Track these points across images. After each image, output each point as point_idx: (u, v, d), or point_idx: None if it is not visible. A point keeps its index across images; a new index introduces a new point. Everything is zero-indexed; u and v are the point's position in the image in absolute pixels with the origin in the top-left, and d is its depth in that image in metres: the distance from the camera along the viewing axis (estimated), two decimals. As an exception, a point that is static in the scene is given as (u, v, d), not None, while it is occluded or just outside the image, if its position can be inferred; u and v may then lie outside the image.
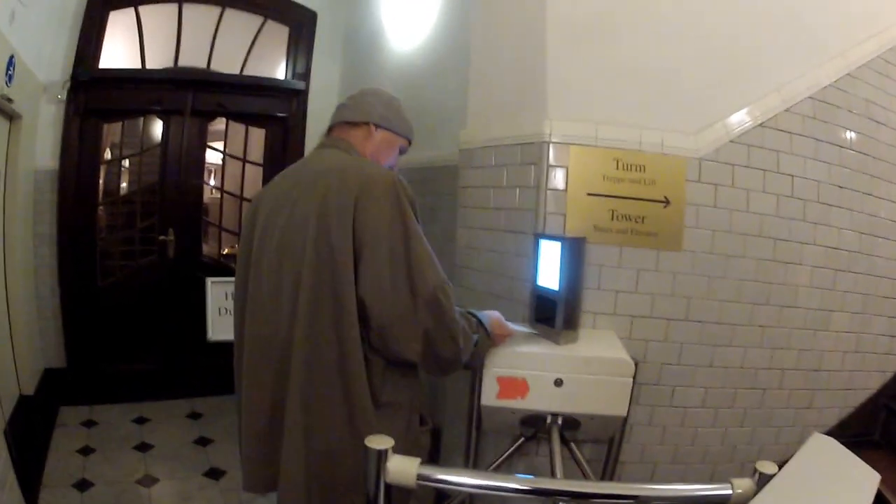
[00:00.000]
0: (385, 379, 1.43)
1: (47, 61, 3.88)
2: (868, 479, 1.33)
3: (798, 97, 2.35)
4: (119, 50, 4.16)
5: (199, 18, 4.29)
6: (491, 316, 1.71)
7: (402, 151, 1.77)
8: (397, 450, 1.06)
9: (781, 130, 2.32)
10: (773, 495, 1.04)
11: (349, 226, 1.34)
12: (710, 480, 2.38)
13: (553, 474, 1.72)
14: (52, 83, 3.94)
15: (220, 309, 2.90)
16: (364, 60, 4.32)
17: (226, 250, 4.78)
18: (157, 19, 4.22)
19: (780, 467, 1.10)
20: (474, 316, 1.62)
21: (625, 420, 2.00)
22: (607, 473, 2.17)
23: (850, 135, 2.51)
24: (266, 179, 4.36)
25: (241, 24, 4.43)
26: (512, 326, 1.81)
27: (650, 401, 2.21)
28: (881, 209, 2.62)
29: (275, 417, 1.44)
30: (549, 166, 2.10)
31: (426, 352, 1.39)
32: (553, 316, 1.92)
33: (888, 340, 2.75)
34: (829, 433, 2.68)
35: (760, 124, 2.27)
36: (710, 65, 2.23)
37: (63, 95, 3.91)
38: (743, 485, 1.14)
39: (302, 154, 4.34)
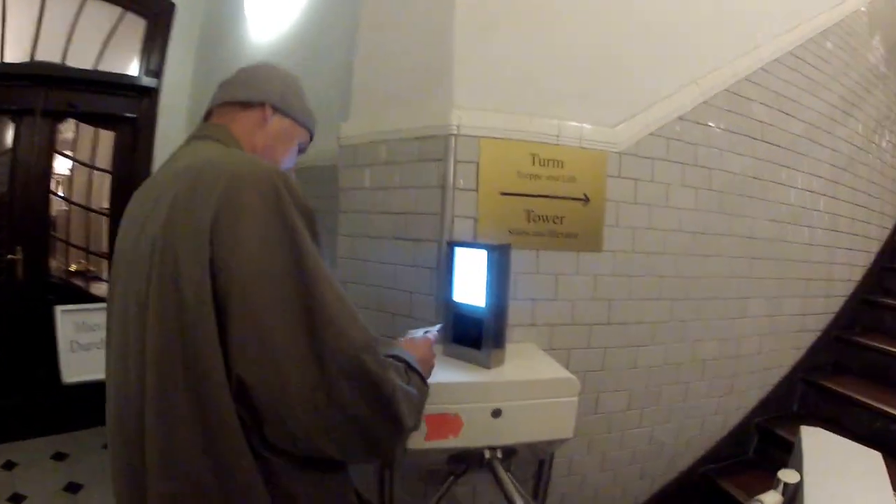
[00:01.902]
0: (292, 479, 0.91)
1: None
2: (874, 459, 1.34)
3: (715, 90, 2.30)
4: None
5: (61, 8, 3.74)
6: (415, 346, 1.19)
7: (301, 149, 1.35)
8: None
9: (699, 123, 2.25)
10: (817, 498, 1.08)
11: (204, 258, 0.83)
12: (640, 479, 2.37)
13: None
14: None
15: (72, 343, 2.42)
16: (222, 55, 3.85)
17: (73, 267, 4.20)
18: (19, 7, 3.63)
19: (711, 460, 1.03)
20: (399, 359, 1.01)
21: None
22: (539, 493, 2.07)
23: (762, 127, 2.49)
24: (116, 189, 3.92)
25: (101, 15, 3.89)
26: (425, 337, 1.32)
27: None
28: (790, 196, 2.64)
29: None
30: (456, 163, 1.87)
31: (354, 445, 0.89)
32: (478, 336, 1.68)
33: (801, 319, 2.81)
34: (752, 414, 2.75)
35: (679, 117, 2.18)
36: (631, 55, 2.10)
37: None
38: (772, 499, 1.13)
39: (149, 162, 3.90)
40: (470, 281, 1.72)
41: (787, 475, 1.14)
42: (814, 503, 1.05)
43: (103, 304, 2.04)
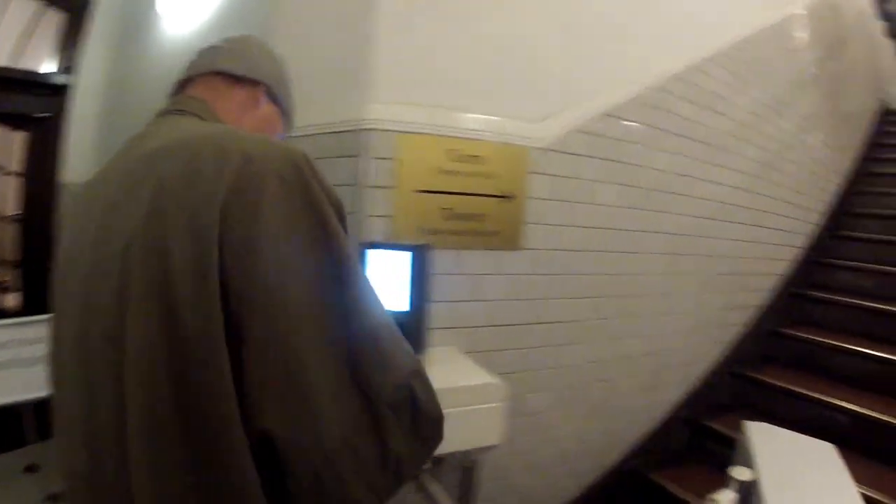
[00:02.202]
0: None
1: None
2: (828, 451, 1.36)
3: (643, 87, 2.28)
4: None
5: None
6: None
7: None
8: None
9: (627, 120, 2.23)
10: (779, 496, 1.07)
11: (211, 268, 0.60)
12: (568, 479, 2.35)
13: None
14: None
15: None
16: (135, 52, 3.60)
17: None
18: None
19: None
20: None
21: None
22: (469, 500, 2.01)
23: (690, 124, 2.50)
24: (29, 195, 3.59)
25: (24, 9, 3.63)
26: None
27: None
28: (717, 193, 2.67)
29: None
30: (371, 159, 1.79)
31: (388, 487, 0.70)
32: None
33: (725, 313, 2.85)
34: (680, 408, 2.77)
35: (606, 113, 2.16)
36: (558, 50, 2.05)
37: None
38: (726, 498, 1.12)
39: (53, 164, 3.56)
40: (385, 284, 1.65)
41: (740, 473, 1.13)
42: (777, 502, 1.03)
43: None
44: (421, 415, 0.71)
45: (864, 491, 1.97)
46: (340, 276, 0.67)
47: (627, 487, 2.54)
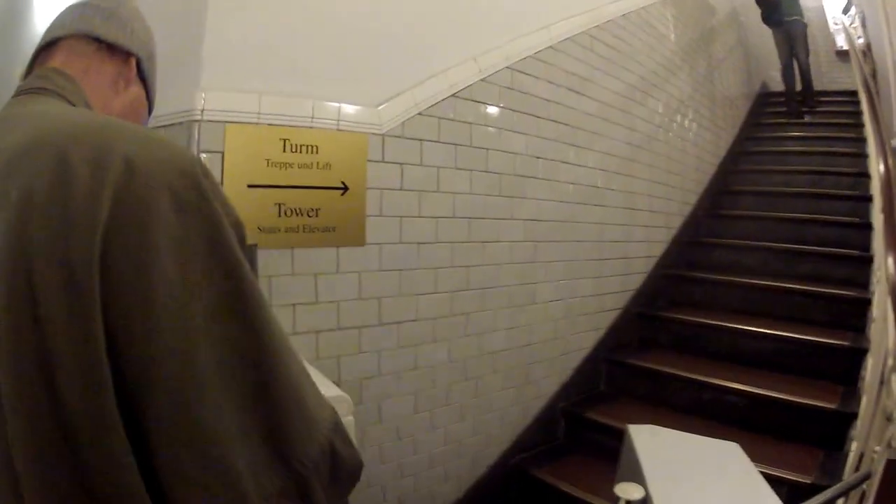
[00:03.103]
0: None
1: None
2: (730, 451, 1.21)
3: (496, 67, 2.18)
4: None
5: None
6: None
7: None
8: None
9: (477, 101, 2.13)
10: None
11: (92, 307, 0.47)
12: (445, 482, 2.23)
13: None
14: None
15: None
16: (12, 48, 3.23)
17: None
18: None
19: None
20: None
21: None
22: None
23: (548, 105, 2.43)
24: None
25: None
26: None
27: (358, 423, 1.88)
28: (581, 176, 2.63)
29: None
30: (199, 153, 1.60)
31: None
32: None
33: (597, 299, 2.83)
34: (555, 399, 2.72)
35: (454, 94, 2.04)
36: (399, 27, 1.92)
37: None
38: None
39: None
40: None
41: (628, 491, 1.00)
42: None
43: None
44: (341, 469, 0.62)
45: (768, 471, 1.93)
46: (250, 322, 0.55)
47: (510, 486, 2.45)
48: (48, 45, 0.77)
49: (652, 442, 1.26)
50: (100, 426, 0.48)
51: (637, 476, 1.22)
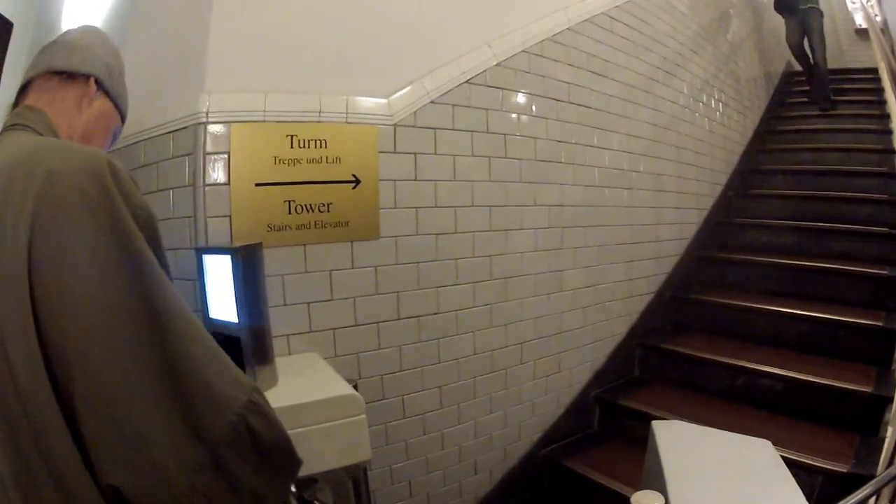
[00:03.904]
0: None
1: None
2: (761, 449, 1.16)
3: (511, 51, 2.11)
4: None
5: None
6: None
7: (114, 137, 1.10)
8: None
9: (492, 87, 2.06)
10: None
11: (29, 324, 0.60)
12: (476, 475, 2.20)
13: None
14: None
15: None
16: None
17: None
18: None
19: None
20: None
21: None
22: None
23: (570, 88, 2.35)
24: None
25: None
26: None
27: (381, 419, 1.88)
28: (609, 160, 2.54)
29: None
30: (206, 155, 1.59)
31: None
32: (238, 357, 1.40)
33: (628, 284, 2.74)
34: (588, 387, 2.65)
35: (467, 81, 1.98)
36: (406, 16, 1.88)
37: None
38: None
39: None
40: (223, 293, 1.45)
41: (646, 500, 0.96)
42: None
43: None
44: (264, 445, 0.69)
45: (803, 459, 1.91)
46: (153, 310, 0.65)
47: (542, 476, 2.40)
48: (26, 85, 0.94)
49: (676, 440, 1.19)
50: (37, 390, 0.59)
51: (658, 478, 1.15)
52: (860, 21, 5.77)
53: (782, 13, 4.79)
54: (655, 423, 1.44)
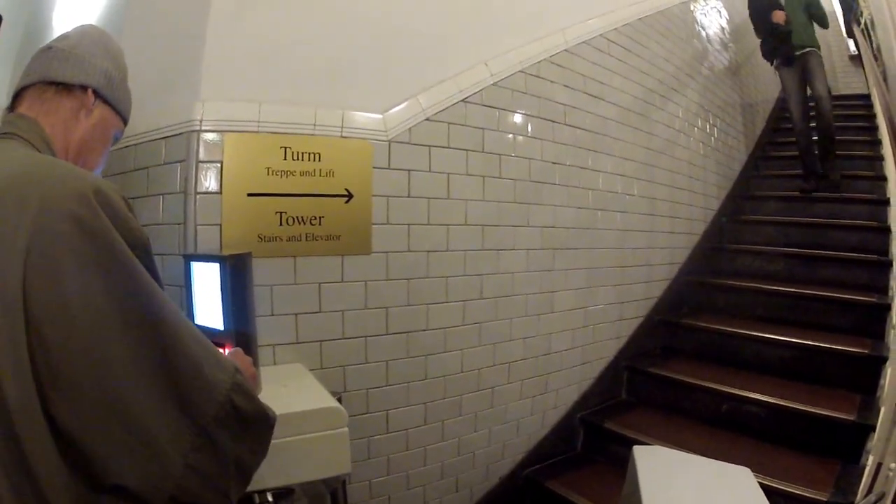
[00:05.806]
0: None
1: None
2: (741, 475, 1.14)
3: (509, 71, 2.13)
4: None
5: None
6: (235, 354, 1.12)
7: (114, 141, 1.09)
8: None
9: (488, 106, 2.07)
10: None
11: (22, 342, 0.63)
12: (456, 492, 2.18)
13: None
14: None
15: None
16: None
17: None
18: None
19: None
20: None
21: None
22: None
23: (565, 110, 2.37)
24: None
25: None
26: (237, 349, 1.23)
27: (365, 432, 1.87)
28: (599, 182, 2.55)
29: None
30: (199, 163, 1.60)
31: (238, 486, 0.79)
32: None
33: (618, 307, 2.75)
34: (574, 408, 2.64)
35: (463, 100, 2.00)
36: (404, 32, 1.89)
37: None
38: None
39: None
40: (210, 300, 1.44)
41: None
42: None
43: None
44: (244, 417, 0.79)
45: (783, 487, 1.91)
46: (151, 313, 0.72)
47: (523, 497, 2.39)
48: (20, 92, 0.93)
49: (656, 465, 1.19)
50: (25, 399, 0.62)
51: (635, 498, 1.15)
52: (853, 48, 5.81)
53: (775, 63, 4.06)
54: (636, 448, 1.44)
